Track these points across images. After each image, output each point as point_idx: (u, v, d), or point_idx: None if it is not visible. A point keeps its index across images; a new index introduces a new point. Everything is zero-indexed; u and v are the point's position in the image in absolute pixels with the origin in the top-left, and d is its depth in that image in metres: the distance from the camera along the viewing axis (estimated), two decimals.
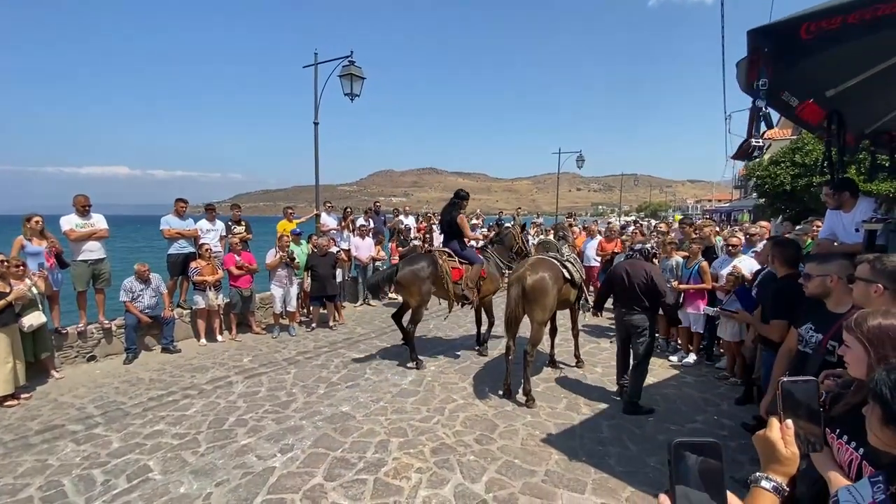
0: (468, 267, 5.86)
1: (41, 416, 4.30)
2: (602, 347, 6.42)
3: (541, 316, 4.54)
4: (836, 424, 1.48)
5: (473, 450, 3.63)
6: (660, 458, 3.51)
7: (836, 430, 1.46)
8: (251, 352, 6.26)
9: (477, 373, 5.36)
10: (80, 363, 5.69)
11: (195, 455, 3.56)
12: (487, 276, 6.01)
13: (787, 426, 0.92)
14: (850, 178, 4.29)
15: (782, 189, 10.29)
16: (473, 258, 5.92)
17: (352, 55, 8.35)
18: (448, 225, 6.05)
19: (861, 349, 1.42)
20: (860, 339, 1.43)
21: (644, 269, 4.26)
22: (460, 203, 6.03)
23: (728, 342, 4.99)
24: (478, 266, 5.87)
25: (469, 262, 5.90)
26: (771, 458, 0.92)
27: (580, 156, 21.26)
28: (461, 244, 5.98)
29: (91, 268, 5.79)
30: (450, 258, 5.89)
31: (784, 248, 3.18)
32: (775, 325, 2.93)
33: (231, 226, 7.57)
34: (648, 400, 4.51)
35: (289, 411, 4.34)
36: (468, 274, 5.83)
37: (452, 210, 5.99)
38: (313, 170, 9.18)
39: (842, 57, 2.69)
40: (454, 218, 5.95)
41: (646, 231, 9.56)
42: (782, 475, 0.90)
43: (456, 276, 5.81)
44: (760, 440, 0.95)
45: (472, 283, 5.82)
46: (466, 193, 6.25)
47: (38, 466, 3.42)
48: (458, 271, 5.82)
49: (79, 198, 5.78)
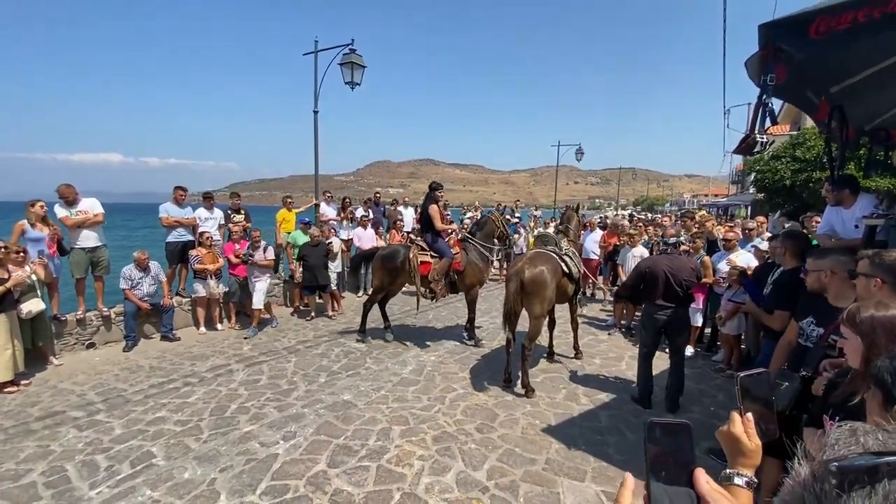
0: (437, 260, 5.86)
1: (41, 402, 4.31)
2: (600, 339, 6.48)
3: (539, 309, 4.54)
4: (834, 411, 1.53)
5: (474, 438, 3.67)
6: None
7: (834, 417, 1.51)
8: (251, 340, 6.27)
9: (476, 363, 5.40)
10: (78, 350, 5.68)
11: (198, 441, 3.58)
12: (467, 268, 5.96)
13: (748, 419, 0.92)
14: (852, 174, 4.32)
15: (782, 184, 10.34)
16: (443, 251, 5.87)
17: (353, 43, 8.27)
18: (423, 217, 6.09)
19: (856, 340, 1.47)
20: (855, 329, 1.48)
21: (687, 265, 4.20)
22: (433, 195, 6.02)
23: (727, 335, 5.04)
24: (447, 260, 5.83)
25: (439, 255, 5.87)
26: (737, 453, 0.92)
27: (579, 149, 21.22)
28: (433, 236, 5.95)
29: (89, 255, 5.76)
30: (422, 251, 5.93)
31: (795, 241, 3.25)
32: (778, 315, 2.98)
33: (230, 214, 7.53)
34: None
35: (290, 399, 4.37)
36: (436, 267, 5.81)
37: (427, 202, 6.01)
38: (309, 159, 9.20)
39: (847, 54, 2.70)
40: (426, 209, 5.96)
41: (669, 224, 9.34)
42: (750, 468, 0.91)
43: (424, 269, 5.82)
44: (724, 436, 0.94)
45: (440, 276, 5.81)
46: (439, 184, 6.24)
47: (41, 452, 3.43)
48: (427, 265, 5.84)
49: (63, 188, 5.57)
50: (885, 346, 1.35)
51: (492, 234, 6.25)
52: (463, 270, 5.95)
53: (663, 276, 4.07)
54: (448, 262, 5.85)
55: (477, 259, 6.05)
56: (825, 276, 2.40)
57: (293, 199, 8.94)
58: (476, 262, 6.04)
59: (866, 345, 1.41)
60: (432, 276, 5.81)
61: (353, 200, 10.23)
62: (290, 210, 8.50)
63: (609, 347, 6.12)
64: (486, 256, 6.17)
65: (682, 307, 4.20)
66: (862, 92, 3.21)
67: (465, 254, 6.02)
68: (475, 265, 6.03)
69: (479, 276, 6.11)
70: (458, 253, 5.97)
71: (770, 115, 2.18)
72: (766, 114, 2.17)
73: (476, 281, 6.11)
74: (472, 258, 6.03)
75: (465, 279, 6.01)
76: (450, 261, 5.85)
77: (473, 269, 6.02)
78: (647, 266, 4.21)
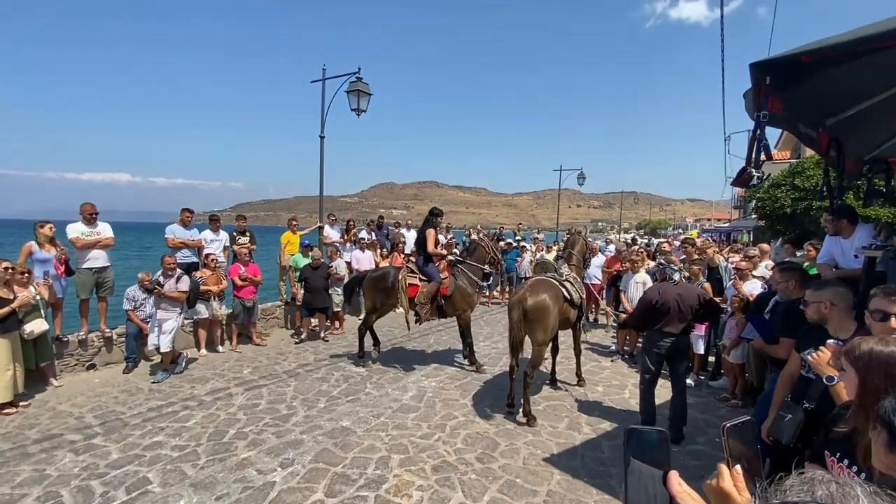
0: (425, 284, 5.88)
1: (39, 424, 4.28)
2: (603, 366, 6.41)
3: (542, 337, 4.52)
4: (835, 447, 1.49)
5: (475, 468, 3.61)
6: None
7: (835, 453, 1.48)
8: (251, 363, 6.25)
9: (478, 389, 5.35)
10: (79, 371, 5.67)
11: (195, 468, 3.54)
12: (454, 293, 5.96)
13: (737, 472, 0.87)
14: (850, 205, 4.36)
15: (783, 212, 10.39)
16: (432, 275, 5.89)
17: (359, 71, 8.50)
18: (418, 239, 6.17)
19: (853, 373, 1.45)
20: (852, 363, 1.46)
21: (694, 292, 4.19)
22: (433, 220, 6.08)
23: (731, 364, 4.99)
24: (434, 284, 5.85)
25: (428, 278, 5.90)
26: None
27: (581, 173, 21.42)
28: (425, 259, 5.98)
29: (95, 276, 5.81)
30: (411, 273, 5.97)
31: (804, 273, 3.28)
32: (784, 344, 2.97)
33: (236, 236, 7.61)
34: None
35: (289, 425, 4.32)
36: (423, 290, 5.84)
37: (425, 225, 6.09)
38: (314, 180, 9.27)
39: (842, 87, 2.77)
40: (423, 232, 6.04)
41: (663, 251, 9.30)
42: None
43: (412, 291, 5.85)
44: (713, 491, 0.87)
45: (426, 299, 5.83)
46: (440, 211, 6.30)
47: (37, 476, 3.39)
48: (415, 287, 5.87)
49: (85, 206, 5.82)
50: (878, 384, 1.34)
51: (482, 259, 6.28)
52: (450, 295, 5.95)
53: (675, 306, 4.01)
54: (435, 286, 5.87)
55: (465, 284, 6.07)
56: (825, 307, 2.40)
57: (298, 222, 9.02)
58: (464, 288, 6.05)
59: (860, 380, 1.40)
60: (418, 298, 5.82)
61: (357, 222, 10.33)
62: (294, 232, 8.58)
63: (612, 375, 6.05)
64: (476, 282, 6.18)
65: (685, 335, 4.19)
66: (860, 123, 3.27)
67: (453, 279, 6.02)
68: (463, 290, 6.04)
69: (467, 300, 6.11)
70: (446, 278, 5.97)
71: (765, 150, 2.22)
72: (761, 148, 2.21)
73: (464, 306, 6.10)
74: (461, 284, 6.04)
75: (453, 304, 6.01)
76: (437, 285, 5.87)
77: (461, 295, 6.02)
78: (657, 296, 4.11)
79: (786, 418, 2.45)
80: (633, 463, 0.78)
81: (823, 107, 3.09)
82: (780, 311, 3.23)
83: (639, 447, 0.79)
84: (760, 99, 2.26)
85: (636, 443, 0.79)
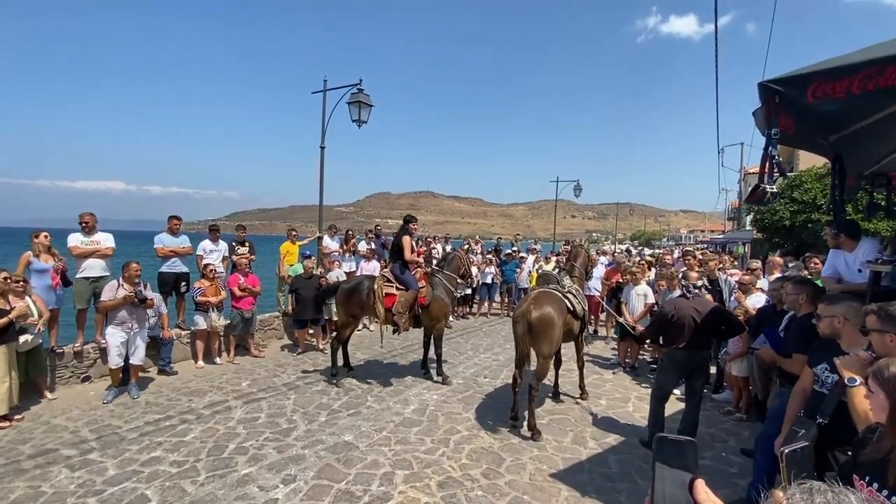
0: (403, 292, 5.80)
1: (34, 439, 4.17)
2: (605, 379, 6.37)
3: (547, 349, 4.48)
4: (863, 470, 1.47)
5: (481, 484, 3.55)
6: None
7: (864, 476, 1.46)
8: (249, 375, 6.16)
9: (480, 403, 5.29)
10: (74, 384, 5.55)
11: (194, 484, 3.45)
12: (432, 302, 5.88)
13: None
14: (853, 219, 4.39)
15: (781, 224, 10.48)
16: (409, 283, 5.81)
17: (360, 83, 8.55)
18: (394, 247, 6.07)
19: (883, 396, 1.44)
20: (881, 385, 1.45)
21: (713, 307, 4.13)
22: (407, 227, 6.03)
23: (735, 377, 4.97)
24: (412, 292, 5.76)
25: (405, 286, 5.82)
26: None
27: (578, 185, 21.57)
28: (402, 268, 5.90)
29: (93, 285, 5.72)
30: (387, 283, 5.88)
31: (816, 288, 3.31)
32: (798, 359, 2.97)
33: (235, 246, 7.55)
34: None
35: (290, 439, 4.24)
36: (400, 299, 5.74)
37: (400, 233, 6.02)
38: (309, 189, 9.43)
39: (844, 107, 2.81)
40: (399, 239, 5.95)
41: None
42: None
43: (389, 301, 5.75)
44: None
45: (404, 308, 5.72)
46: (413, 218, 6.23)
47: (31, 494, 3.29)
48: (392, 297, 5.77)
49: (84, 215, 5.75)
50: None
51: (457, 270, 6.21)
52: (428, 305, 5.86)
53: (691, 321, 3.98)
54: (413, 294, 5.77)
55: (442, 294, 5.99)
56: (838, 322, 2.40)
57: (297, 232, 8.98)
58: (441, 298, 5.98)
59: (891, 403, 1.39)
60: (396, 308, 5.70)
61: (355, 232, 10.29)
62: (293, 243, 8.54)
63: (615, 388, 6.01)
64: (451, 292, 6.11)
65: (706, 350, 4.17)
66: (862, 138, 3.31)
67: (430, 288, 5.93)
68: (440, 300, 5.96)
69: (443, 310, 6.03)
70: (423, 287, 5.88)
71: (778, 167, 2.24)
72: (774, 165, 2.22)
73: (442, 315, 6.02)
74: (438, 293, 5.95)
75: (430, 314, 5.91)
76: (415, 293, 5.78)
77: (438, 304, 5.94)
78: (672, 311, 4.09)
79: (799, 433, 2.43)
80: (661, 469, 0.79)
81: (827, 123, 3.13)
82: (795, 327, 3.22)
83: (668, 455, 0.80)
84: (771, 117, 2.28)
85: (665, 450, 0.80)
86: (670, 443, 0.80)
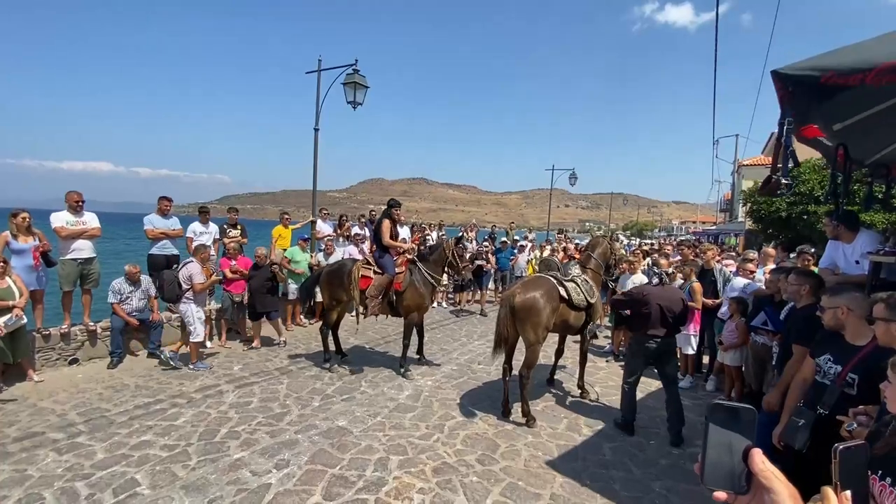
0: (378, 276, 5.70)
1: (19, 421, 4.08)
2: (598, 367, 6.40)
3: (533, 336, 4.37)
4: (877, 466, 1.42)
5: (476, 470, 3.54)
6: (664, 483, 3.48)
7: (877, 471, 1.41)
8: (241, 360, 6.09)
9: (475, 389, 5.28)
10: (61, 366, 5.44)
11: (186, 469, 3.40)
12: (407, 289, 5.69)
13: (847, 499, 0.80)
14: (852, 211, 4.39)
15: (777, 215, 10.51)
16: (386, 267, 5.69)
17: (356, 63, 8.34)
18: (374, 231, 6.01)
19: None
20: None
21: (677, 295, 4.29)
22: (389, 211, 5.92)
23: (729, 367, 5.00)
24: (387, 276, 5.65)
25: (381, 270, 5.72)
26: None
27: (573, 173, 21.49)
28: (381, 251, 5.80)
29: (80, 267, 5.57)
30: (366, 266, 5.81)
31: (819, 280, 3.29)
32: (797, 351, 2.95)
33: (226, 229, 7.41)
34: (649, 423, 4.50)
35: (283, 424, 4.20)
36: (374, 283, 5.64)
37: (381, 217, 5.94)
38: (301, 173, 9.27)
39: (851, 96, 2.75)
40: (379, 223, 5.87)
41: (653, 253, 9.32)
42: None
43: (364, 284, 5.67)
44: None
45: (377, 292, 5.61)
46: (397, 202, 6.15)
47: (17, 477, 3.22)
48: (367, 280, 5.69)
49: (71, 194, 5.57)
50: None
51: (441, 260, 5.90)
52: (403, 291, 5.71)
53: (657, 308, 4.14)
54: (388, 278, 5.64)
55: (419, 283, 5.74)
56: (842, 313, 2.38)
57: (290, 216, 8.84)
58: (417, 286, 5.71)
59: None
60: (369, 291, 5.60)
61: (348, 217, 10.15)
62: (286, 227, 8.41)
63: (608, 375, 6.04)
64: (431, 283, 5.83)
65: (671, 336, 4.27)
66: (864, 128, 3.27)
67: (408, 274, 5.76)
68: (416, 289, 5.72)
69: (418, 300, 5.77)
70: (401, 272, 5.75)
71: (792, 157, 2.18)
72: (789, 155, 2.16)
73: (415, 305, 5.78)
74: (415, 280, 5.74)
75: (404, 301, 5.73)
76: (390, 278, 5.66)
77: (413, 293, 5.72)
78: (639, 295, 4.29)
79: (799, 423, 2.43)
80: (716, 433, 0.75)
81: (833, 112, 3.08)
82: (797, 318, 3.20)
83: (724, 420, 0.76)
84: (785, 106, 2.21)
85: (721, 417, 0.76)
86: (726, 409, 0.77)
